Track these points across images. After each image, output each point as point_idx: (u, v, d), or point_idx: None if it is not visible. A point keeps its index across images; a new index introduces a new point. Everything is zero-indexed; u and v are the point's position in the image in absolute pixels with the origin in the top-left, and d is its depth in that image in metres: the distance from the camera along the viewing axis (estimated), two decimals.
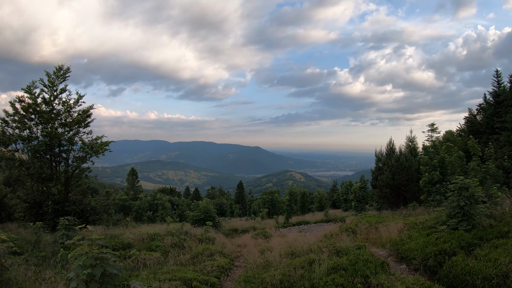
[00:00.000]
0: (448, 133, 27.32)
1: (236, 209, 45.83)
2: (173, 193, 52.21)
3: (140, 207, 23.71)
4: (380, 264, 6.05)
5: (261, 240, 11.37)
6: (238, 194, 56.55)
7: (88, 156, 13.36)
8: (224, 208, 40.48)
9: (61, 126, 13.18)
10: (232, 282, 6.61)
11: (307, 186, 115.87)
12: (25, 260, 6.88)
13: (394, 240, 8.13)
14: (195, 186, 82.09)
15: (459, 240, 6.39)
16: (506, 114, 20.95)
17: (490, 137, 21.28)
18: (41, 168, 12.91)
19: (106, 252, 3.77)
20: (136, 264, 7.37)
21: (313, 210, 32.70)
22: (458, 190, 7.26)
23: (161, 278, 5.84)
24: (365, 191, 20.56)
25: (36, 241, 8.50)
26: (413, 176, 16.89)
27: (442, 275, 5.47)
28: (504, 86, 24.30)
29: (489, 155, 10.66)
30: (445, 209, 8.15)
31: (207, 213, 16.90)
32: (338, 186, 44.39)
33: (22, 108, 12.60)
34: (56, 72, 13.33)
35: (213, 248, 9.12)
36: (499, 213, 7.87)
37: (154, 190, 33.23)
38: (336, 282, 5.33)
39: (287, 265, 6.56)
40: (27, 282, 5.53)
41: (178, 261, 7.96)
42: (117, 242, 8.82)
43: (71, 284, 3.50)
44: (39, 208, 12.30)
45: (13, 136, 12.71)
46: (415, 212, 13.31)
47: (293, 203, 27.67)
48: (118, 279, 3.76)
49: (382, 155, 20.26)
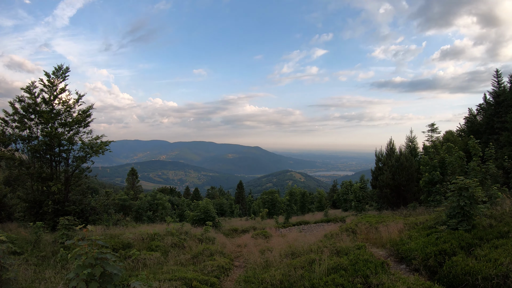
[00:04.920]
0: (448, 133, 27.32)
1: (236, 209, 45.82)
2: (173, 193, 52.24)
3: (140, 207, 23.69)
4: (380, 264, 6.04)
5: (261, 240, 11.36)
6: (238, 194, 56.54)
7: (88, 156, 13.37)
8: (224, 208, 40.46)
9: (61, 126, 13.18)
10: (232, 282, 6.61)
11: (307, 186, 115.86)
12: (25, 260, 6.87)
13: (394, 240, 8.13)
14: (195, 186, 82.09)
15: (459, 240, 6.39)
16: (506, 114, 20.95)
17: (490, 137, 21.29)
18: (41, 167, 12.91)
19: (106, 252, 3.77)
20: (136, 264, 7.37)
21: (313, 210, 32.68)
22: (458, 190, 7.25)
23: (161, 278, 5.83)
24: (365, 191, 20.56)
25: (36, 241, 8.49)
26: (413, 176, 16.88)
27: (442, 275, 5.47)
28: (504, 86, 24.30)
29: (489, 155, 10.65)
30: (445, 209, 8.14)
31: (207, 213, 16.89)
32: (338, 186, 44.39)
33: (22, 108, 12.60)
34: (55, 72, 13.34)
35: (213, 248, 9.11)
36: (499, 213, 7.86)
37: (154, 190, 33.21)
38: (336, 282, 5.32)
39: (287, 265, 6.56)
40: (27, 282, 5.53)
41: (178, 261, 7.95)
42: (117, 242, 8.82)
43: (71, 284, 3.49)
44: (39, 208, 12.30)
45: (13, 136, 12.71)
46: (415, 212, 13.30)
47: (293, 203, 27.71)
48: (118, 279, 3.76)
49: (382, 155, 20.25)
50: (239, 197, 55.57)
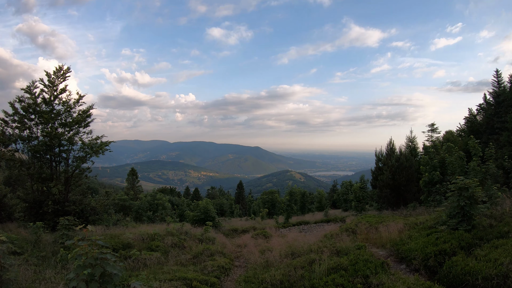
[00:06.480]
0: (448, 133, 27.34)
1: (236, 209, 45.81)
2: (173, 193, 52.21)
3: (140, 207, 23.68)
4: (380, 264, 6.05)
5: (261, 240, 11.37)
6: (238, 194, 56.55)
7: (88, 156, 13.35)
8: (224, 208, 40.45)
9: (61, 126, 13.17)
10: (232, 282, 6.61)
11: (307, 186, 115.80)
12: (25, 260, 6.86)
13: (394, 240, 8.13)
14: (195, 186, 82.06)
15: (459, 240, 6.39)
16: (506, 114, 20.96)
17: (490, 137, 21.29)
18: (41, 168, 12.90)
19: (106, 252, 3.77)
20: (136, 264, 7.37)
21: (313, 210, 32.67)
22: (458, 190, 7.25)
23: (161, 278, 5.84)
24: (365, 191, 20.55)
25: (36, 241, 8.49)
26: (413, 176, 16.89)
27: (442, 275, 5.47)
28: (504, 86, 24.31)
29: (489, 155, 10.65)
30: (445, 209, 8.15)
31: (207, 213, 16.89)
32: (338, 186, 44.34)
33: (22, 108, 12.59)
34: (56, 72, 13.34)
35: (213, 248, 9.12)
36: (499, 213, 7.86)
37: (154, 190, 33.18)
38: (336, 282, 5.33)
39: (287, 265, 6.56)
40: (27, 282, 5.53)
41: (178, 261, 7.96)
42: (117, 242, 8.82)
43: (71, 284, 3.49)
44: (39, 208, 12.29)
45: (13, 136, 12.70)
46: (415, 212, 13.31)
47: (293, 203, 27.67)
48: (118, 279, 3.75)
49: (382, 155, 20.26)
50: (239, 197, 55.59)
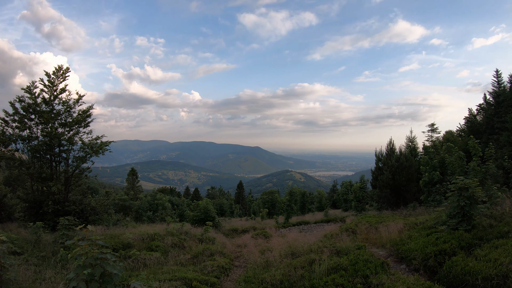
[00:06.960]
0: (448, 133, 27.35)
1: (236, 209, 45.82)
2: (173, 193, 52.19)
3: (140, 207, 23.68)
4: (380, 264, 6.05)
5: (261, 240, 11.37)
6: (238, 194, 56.55)
7: (88, 156, 13.37)
8: (224, 208, 40.46)
9: (61, 126, 13.18)
10: (232, 282, 6.61)
11: (307, 186, 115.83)
12: (25, 260, 6.87)
13: (394, 240, 8.13)
14: (195, 186, 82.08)
15: (459, 240, 6.39)
16: (506, 114, 20.96)
17: (490, 137, 21.30)
18: (41, 168, 12.91)
19: (106, 252, 3.77)
20: (136, 264, 7.37)
21: (313, 210, 32.67)
22: (458, 190, 7.25)
23: (161, 278, 5.84)
24: (365, 191, 20.55)
25: (36, 241, 8.50)
26: (413, 176, 16.88)
27: (442, 275, 5.47)
28: (504, 86, 24.32)
29: (489, 155, 10.64)
30: (445, 209, 8.15)
31: (207, 213, 16.89)
32: (338, 186, 44.36)
33: (22, 108, 12.61)
34: (56, 72, 13.35)
35: (213, 248, 9.12)
36: (499, 213, 7.86)
37: (154, 190, 33.19)
38: (336, 282, 5.33)
39: (287, 265, 6.56)
40: (27, 282, 5.53)
41: (178, 261, 7.96)
42: (117, 242, 8.82)
43: (71, 284, 3.49)
44: (39, 208, 12.30)
45: (13, 136, 12.71)
46: (415, 212, 13.30)
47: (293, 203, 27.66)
48: (118, 279, 3.76)
49: (382, 155, 20.26)
50: (239, 197, 55.60)
